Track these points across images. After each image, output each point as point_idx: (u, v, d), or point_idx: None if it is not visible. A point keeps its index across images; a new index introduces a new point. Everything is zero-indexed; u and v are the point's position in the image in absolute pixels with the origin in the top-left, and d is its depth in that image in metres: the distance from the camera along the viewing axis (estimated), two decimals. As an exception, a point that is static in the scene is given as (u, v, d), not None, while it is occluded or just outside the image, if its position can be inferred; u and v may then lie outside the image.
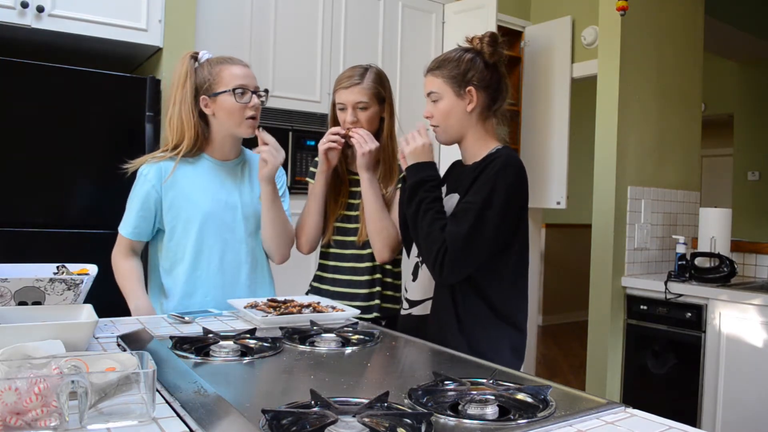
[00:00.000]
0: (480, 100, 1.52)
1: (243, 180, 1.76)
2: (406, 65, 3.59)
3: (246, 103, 1.65)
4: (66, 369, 0.80)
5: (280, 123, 3.10)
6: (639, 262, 3.24)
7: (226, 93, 1.64)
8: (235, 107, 1.64)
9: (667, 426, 0.87)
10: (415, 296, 1.62)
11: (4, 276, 1.26)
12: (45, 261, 1.47)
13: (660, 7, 3.34)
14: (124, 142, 2.51)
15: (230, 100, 1.64)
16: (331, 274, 1.86)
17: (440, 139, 1.60)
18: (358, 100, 1.77)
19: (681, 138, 3.50)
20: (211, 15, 2.91)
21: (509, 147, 1.56)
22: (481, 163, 1.51)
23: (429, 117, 1.58)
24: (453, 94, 1.52)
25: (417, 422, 0.80)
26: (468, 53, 1.54)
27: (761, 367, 2.56)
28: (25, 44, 2.62)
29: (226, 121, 1.67)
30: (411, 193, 1.48)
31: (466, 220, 1.40)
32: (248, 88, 1.66)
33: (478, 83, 1.51)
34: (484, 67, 1.52)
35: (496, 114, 1.59)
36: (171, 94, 1.69)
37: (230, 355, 1.16)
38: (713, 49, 5.00)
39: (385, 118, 1.83)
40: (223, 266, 1.70)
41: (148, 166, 1.67)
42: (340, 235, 1.86)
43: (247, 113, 1.66)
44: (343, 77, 1.81)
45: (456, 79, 1.51)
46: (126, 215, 1.70)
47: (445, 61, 1.55)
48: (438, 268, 1.41)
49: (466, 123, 1.54)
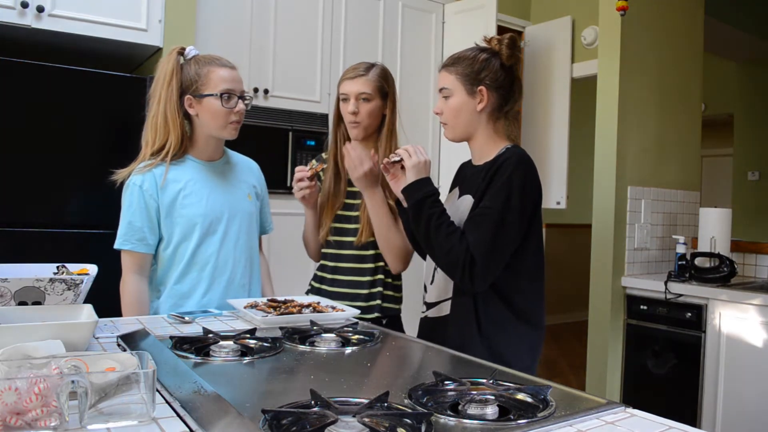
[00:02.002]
0: (491, 100, 1.52)
1: (230, 180, 1.76)
2: (406, 65, 3.59)
3: (232, 108, 1.64)
4: (66, 369, 0.80)
5: (280, 123, 3.10)
6: (639, 262, 3.24)
7: (213, 96, 1.63)
8: (221, 111, 1.63)
9: (667, 426, 0.87)
10: (431, 298, 1.60)
11: (4, 276, 1.26)
12: (45, 261, 1.46)
13: (660, 7, 3.33)
14: (124, 142, 2.51)
15: (216, 104, 1.63)
16: (331, 275, 1.86)
17: (448, 136, 1.60)
18: (361, 91, 1.78)
19: (681, 138, 3.50)
20: (211, 15, 2.91)
21: (518, 146, 1.56)
22: (491, 163, 1.50)
23: (439, 113, 1.58)
24: (464, 91, 1.52)
25: (417, 422, 0.80)
26: (484, 53, 1.54)
27: (761, 367, 2.56)
28: (25, 44, 2.62)
29: (210, 123, 1.66)
30: (416, 213, 1.46)
31: (487, 225, 1.39)
32: (235, 93, 1.65)
33: (491, 83, 1.51)
34: (499, 68, 1.52)
35: (507, 116, 1.59)
36: (156, 91, 1.65)
37: (230, 355, 1.16)
38: (713, 49, 5.00)
39: (386, 115, 1.84)
40: (218, 266, 1.69)
41: (141, 176, 1.63)
42: (337, 236, 1.86)
43: (232, 118, 1.65)
44: (348, 69, 1.83)
45: (469, 77, 1.51)
46: (122, 228, 1.64)
47: (460, 59, 1.55)
48: (468, 279, 1.39)
49: (475, 122, 1.54)
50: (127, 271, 1.65)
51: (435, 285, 1.59)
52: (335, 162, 1.87)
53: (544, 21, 4.08)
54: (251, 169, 1.86)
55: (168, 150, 1.64)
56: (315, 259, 1.95)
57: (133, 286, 1.64)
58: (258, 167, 1.89)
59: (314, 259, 1.95)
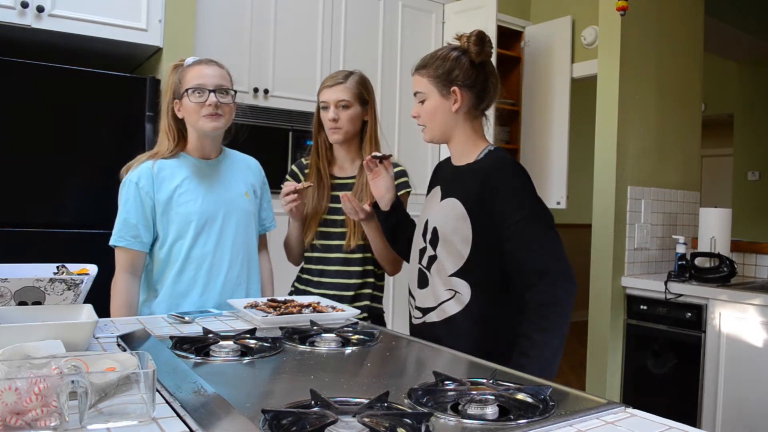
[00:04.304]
0: (465, 99, 1.52)
1: (227, 178, 1.76)
2: (406, 65, 3.58)
3: (202, 102, 1.64)
4: (66, 369, 0.80)
5: (280, 123, 3.10)
6: (639, 262, 3.24)
7: (185, 93, 1.66)
8: (191, 106, 1.66)
9: (667, 426, 0.87)
10: (428, 303, 1.55)
11: (4, 276, 1.26)
12: (45, 261, 1.47)
13: (660, 7, 3.33)
14: (124, 142, 2.51)
15: (187, 100, 1.66)
16: (317, 278, 1.88)
17: (427, 139, 1.60)
18: (340, 98, 1.81)
19: (681, 138, 3.50)
20: (211, 15, 2.91)
21: (500, 148, 1.56)
22: (478, 166, 1.50)
23: (416, 117, 1.58)
24: (438, 94, 1.52)
25: (417, 422, 0.80)
26: (454, 52, 1.52)
27: (761, 367, 2.56)
28: (25, 44, 2.62)
29: (189, 119, 1.69)
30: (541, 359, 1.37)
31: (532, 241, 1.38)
32: (205, 87, 1.65)
33: (463, 83, 1.50)
34: (469, 67, 1.51)
35: (485, 113, 1.58)
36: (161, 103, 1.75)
37: (230, 355, 1.16)
38: (713, 49, 5.00)
39: (368, 121, 1.87)
40: (214, 265, 1.69)
41: (135, 173, 1.65)
42: (323, 239, 1.88)
43: (203, 111, 1.65)
44: (327, 78, 1.87)
45: (440, 79, 1.51)
46: (118, 225, 1.65)
47: (431, 60, 1.54)
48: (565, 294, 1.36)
49: (452, 123, 1.54)
50: (120, 269, 1.66)
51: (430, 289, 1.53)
52: (317, 169, 1.90)
53: (544, 21, 4.08)
54: (250, 167, 1.86)
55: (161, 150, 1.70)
56: (296, 263, 1.98)
57: (124, 286, 1.65)
58: (258, 165, 1.90)
59: (295, 264, 1.99)
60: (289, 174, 1.98)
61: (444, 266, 1.49)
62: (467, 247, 1.46)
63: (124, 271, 1.65)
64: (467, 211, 1.47)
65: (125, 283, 1.65)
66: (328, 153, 1.92)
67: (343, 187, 1.88)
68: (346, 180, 1.90)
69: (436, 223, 1.53)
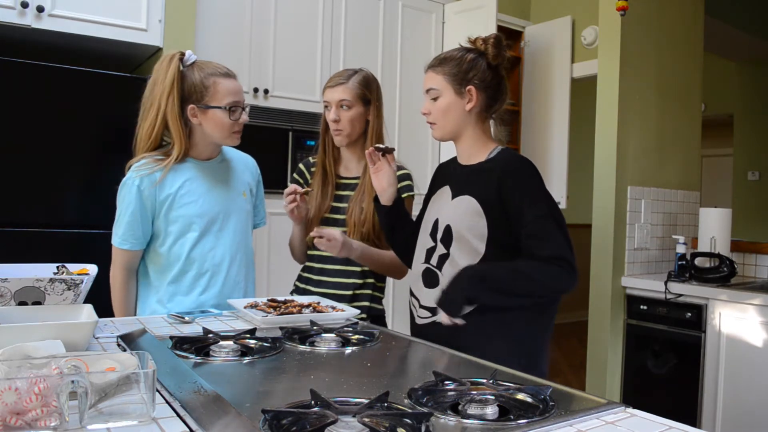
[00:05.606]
0: (479, 100, 1.53)
1: (226, 178, 1.77)
2: (406, 65, 3.59)
3: (237, 120, 1.67)
4: (66, 369, 0.80)
5: (280, 123, 3.10)
6: (639, 262, 3.24)
7: (220, 109, 1.64)
8: (227, 123, 1.65)
9: (667, 426, 0.87)
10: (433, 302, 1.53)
11: (4, 276, 1.26)
12: (45, 261, 1.47)
13: (660, 7, 3.33)
14: (124, 142, 2.50)
15: (223, 117, 1.64)
16: (317, 276, 1.88)
17: (436, 136, 1.60)
18: (341, 98, 1.80)
19: (681, 138, 3.50)
20: (211, 15, 2.91)
21: (509, 148, 1.57)
22: (493, 164, 1.51)
23: (426, 113, 1.58)
24: (453, 92, 1.53)
25: (417, 422, 0.80)
26: (470, 53, 1.54)
27: (761, 367, 2.56)
28: (25, 44, 2.62)
29: (214, 132, 1.67)
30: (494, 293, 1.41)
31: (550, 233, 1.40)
32: (240, 105, 1.67)
33: (479, 83, 1.52)
34: (486, 68, 1.53)
35: (494, 116, 1.59)
36: (155, 98, 1.64)
37: (230, 355, 1.16)
38: (713, 49, 5.00)
39: (370, 121, 1.86)
40: (214, 264, 1.69)
41: (138, 175, 1.63)
42: None
43: (235, 128, 1.68)
44: (331, 77, 1.87)
45: (457, 78, 1.52)
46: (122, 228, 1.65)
47: (446, 59, 1.55)
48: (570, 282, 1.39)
49: (463, 122, 1.55)
50: (119, 267, 1.69)
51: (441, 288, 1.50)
52: (323, 167, 1.90)
53: (544, 21, 4.08)
54: (247, 165, 1.87)
55: (171, 159, 1.65)
56: (300, 262, 1.99)
57: (123, 283, 1.70)
58: (254, 162, 1.90)
59: (300, 262, 1.99)
60: (296, 173, 1.98)
61: (458, 264, 1.48)
62: (483, 244, 1.46)
63: (124, 268, 1.69)
64: (483, 208, 1.47)
65: (124, 282, 1.70)
66: (335, 151, 1.92)
67: (347, 186, 1.88)
68: (351, 180, 1.90)
69: (449, 221, 1.53)
